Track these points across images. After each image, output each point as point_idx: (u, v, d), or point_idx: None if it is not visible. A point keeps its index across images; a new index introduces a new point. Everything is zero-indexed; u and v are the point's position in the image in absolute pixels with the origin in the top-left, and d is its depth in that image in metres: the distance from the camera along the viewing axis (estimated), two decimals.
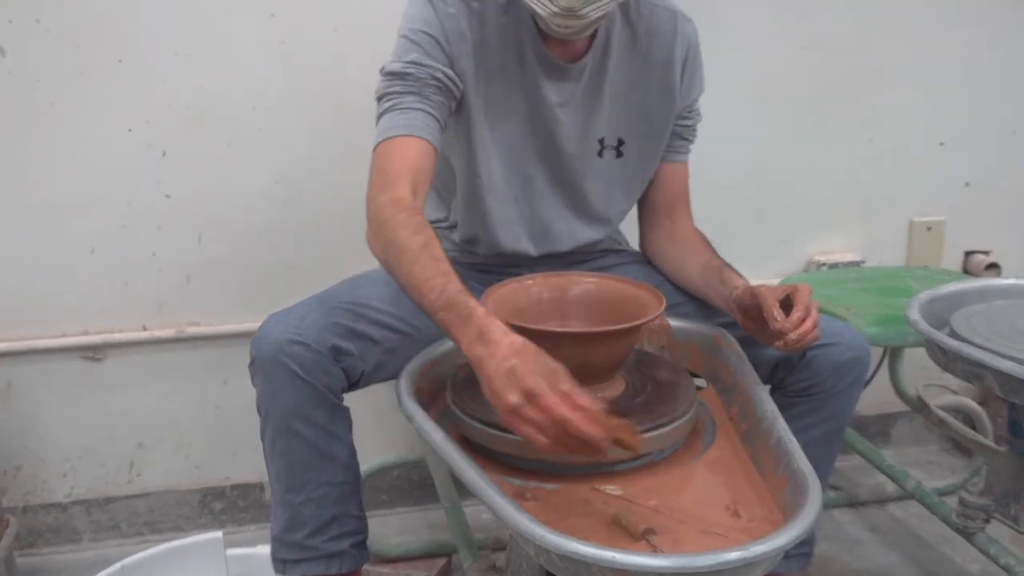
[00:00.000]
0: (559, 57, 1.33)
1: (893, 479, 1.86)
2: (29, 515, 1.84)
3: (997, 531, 1.57)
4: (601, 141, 1.39)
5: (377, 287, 1.30)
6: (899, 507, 1.97)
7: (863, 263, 2.05)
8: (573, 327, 1.20)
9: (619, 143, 1.40)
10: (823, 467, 1.33)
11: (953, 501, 1.59)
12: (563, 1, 1.18)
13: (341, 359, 1.19)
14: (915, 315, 1.37)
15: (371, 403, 1.56)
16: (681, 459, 1.12)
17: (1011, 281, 1.53)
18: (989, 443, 1.66)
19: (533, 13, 1.24)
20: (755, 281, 1.77)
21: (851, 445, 1.96)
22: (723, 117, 1.82)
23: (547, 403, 0.89)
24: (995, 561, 1.53)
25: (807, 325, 1.14)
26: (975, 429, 1.94)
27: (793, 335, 1.13)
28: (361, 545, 1.28)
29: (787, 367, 1.31)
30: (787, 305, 1.17)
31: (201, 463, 1.90)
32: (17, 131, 1.67)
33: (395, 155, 1.21)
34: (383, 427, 1.88)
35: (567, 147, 1.37)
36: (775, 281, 1.87)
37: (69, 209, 1.71)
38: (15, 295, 1.74)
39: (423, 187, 1.22)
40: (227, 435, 1.88)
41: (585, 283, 1.26)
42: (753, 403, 1.14)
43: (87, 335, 1.77)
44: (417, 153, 1.22)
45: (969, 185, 2.10)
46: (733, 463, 1.10)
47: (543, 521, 0.86)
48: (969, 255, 2.14)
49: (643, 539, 0.93)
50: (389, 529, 1.89)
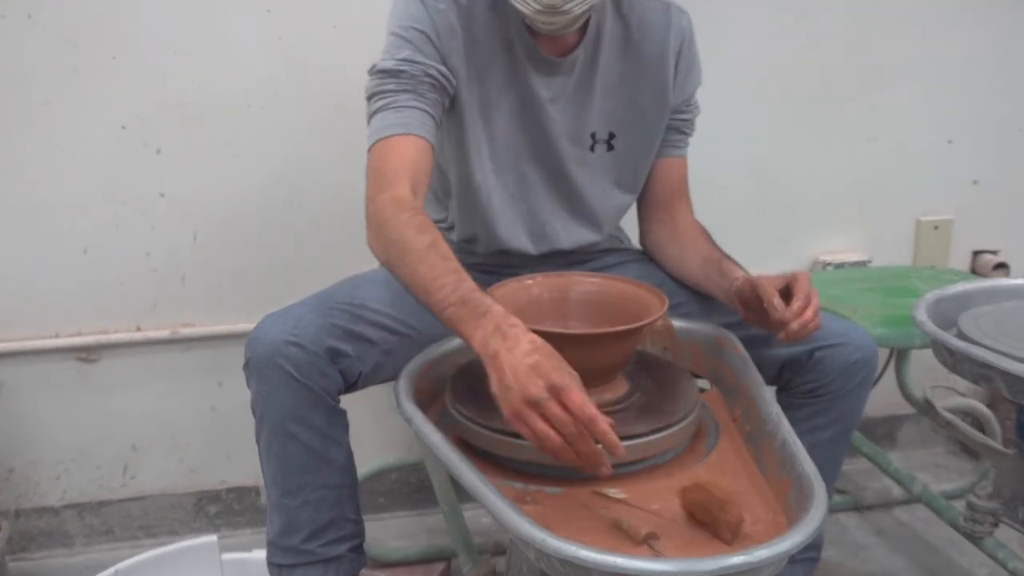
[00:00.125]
0: (549, 52, 1.32)
1: (900, 482, 1.86)
2: (21, 519, 1.84)
3: (1005, 535, 1.55)
4: (593, 136, 1.38)
5: (375, 288, 1.29)
6: (906, 511, 1.97)
7: (869, 263, 2.04)
8: (574, 328, 1.20)
9: (610, 136, 1.39)
10: (830, 470, 1.33)
11: (961, 505, 1.59)
12: None
13: (338, 361, 1.18)
14: (922, 316, 1.36)
15: (369, 405, 1.57)
16: (684, 462, 1.11)
17: (1020, 281, 1.52)
18: (997, 446, 1.66)
19: (516, 11, 1.24)
20: None
21: (857, 448, 1.97)
22: (725, 115, 1.83)
23: (575, 399, 0.90)
24: (1003, 566, 1.53)
25: (808, 314, 1.14)
26: (983, 432, 1.93)
27: (795, 325, 1.13)
28: (358, 549, 1.27)
29: (794, 368, 1.30)
30: (788, 294, 1.17)
31: (196, 466, 1.90)
32: (9, 129, 1.66)
33: (392, 154, 1.20)
34: (381, 429, 1.87)
35: (559, 143, 1.36)
36: None
37: (62, 208, 1.71)
38: (7, 295, 1.73)
39: (423, 186, 1.21)
40: (222, 437, 1.87)
41: (586, 283, 1.26)
42: (757, 405, 1.14)
43: (80, 336, 1.77)
44: (415, 152, 1.20)
45: (977, 183, 2.08)
46: (737, 466, 1.10)
47: (544, 525, 0.86)
48: (977, 255, 2.13)
49: (645, 543, 0.93)
50: (387, 533, 1.89)
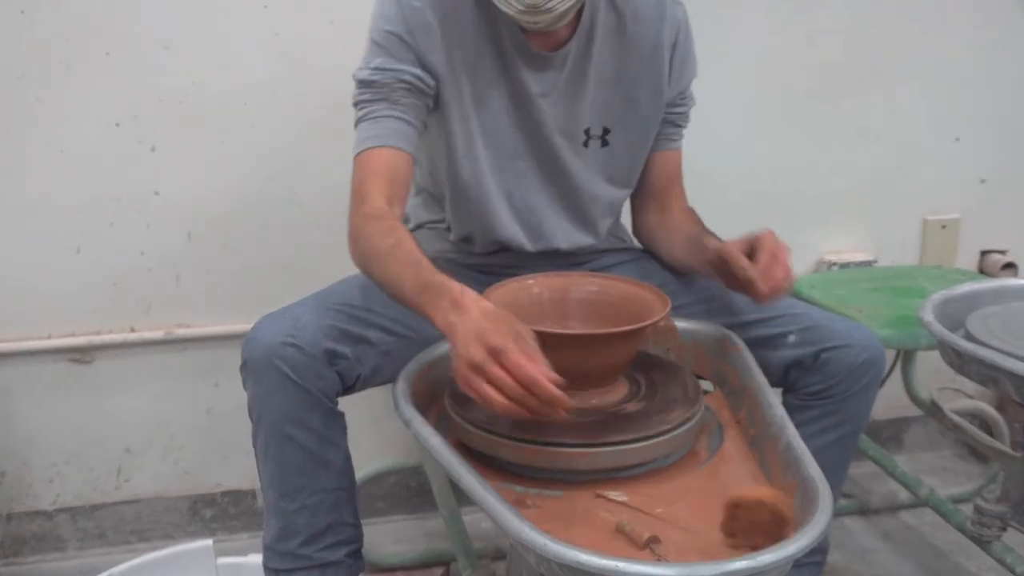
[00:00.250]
0: (539, 47, 1.31)
1: (906, 486, 1.85)
2: (13, 523, 1.83)
3: (1014, 539, 1.54)
4: (587, 131, 1.37)
5: (374, 289, 1.27)
6: (912, 515, 1.96)
7: (875, 263, 2.03)
8: (575, 328, 1.19)
9: (604, 132, 1.38)
10: (837, 473, 1.32)
11: (968, 509, 1.58)
12: None
13: (336, 362, 1.18)
14: (929, 316, 1.35)
15: (367, 407, 1.57)
16: (687, 465, 1.10)
17: None
18: (1006, 449, 1.65)
19: (500, 12, 1.23)
20: None
21: (863, 451, 1.95)
22: (725, 113, 1.84)
23: (513, 360, 0.92)
24: (1011, 571, 1.52)
25: (778, 273, 1.17)
26: (991, 434, 1.92)
27: (762, 284, 1.16)
28: (356, 554, 1.26)
29: (800, 370, 1.29)
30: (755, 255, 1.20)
31: (191, 469, 1.89)
32: (1, 127, 1.64)
33: (368, 169, 1.25)
34: (379, 432, 1.86)
35: (552, 138, 1.35)
36: None
37: (55, 207, 1.70)
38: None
39: (400, 195, 1.26)
40: (218, 440, 1.86)
41: (587, 283, 1.25)
42: (761, 407, 1.13)
43: (74, 336, 1.76)
44: (389, 164, 1.25)
45: (985, 182, 2.07)
46: (741, 469, 1.09)
47: (544, 529, 0.85)
48: (985, 254, 2.12)
49: (647, 548, 0.92)
50: (385, 538, 1.89)
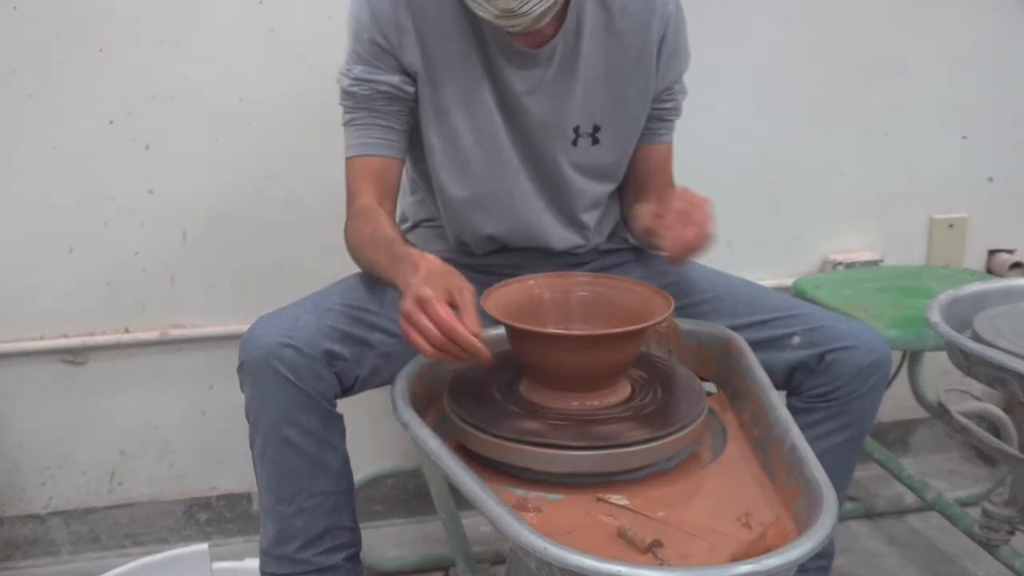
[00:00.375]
0: (522, 44, 1.29)
1: (913, 489, 1.85)
2: (5, 527, 1.82)
3: (1022, 543, 1.54)
4: (576, 129, 1.35)
5: (373, 289, 1.28)
6: (919, 518, 1.95)
7: (881, 262, 2.02)
8: (576, 329, 1.18)
9: (595, 130, 1.36)
10: (843, 476, 1.30)
11: (976, 512, 1.59)
12: (500, 3, 1.17)
13: (335, 364, 1.17)
14: (936, 317, 1.34)
15: (366, 409, 1.55)
16: (689, 468, 1.09)
17: None
18: (1014, 451, 1.64)
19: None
20: (769, 282, 1.77)
21: (869, 454, 1.95)
22: (733, 109, 1.83)
23: (435, 311, 1.00)
24: (1020, 575, 1.51)
25: (688, 232, 1.16)
26: (999, 437, 1.91)
27: (668, 240, 1.18)
28: (354, 558, 1.26)
29: (805, 371, 1.28)
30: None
31: (186, 472, 1.87)
32: None
33: (355, 172, 1.32)
34: (378, 434, 1.86)
35: (538, 136, 1.34)
36: (789, 281, 1.88)
37: (47, 206, 1.68)
38: None
39: (390, 192, 1.32)
40: (213, 442, 1.85)
41: (589, 284, 1.24)
42: (765, 409, 1.11)
43: (67, 337, 1.75)
44: (376, 168, 1.31)
45: (993, 180, 2.06)
46: (744, 472, 1.08)
47: (545, 533, 0.84)
48: (993, 254, 2.11)
49: (649, 552, 0.91)
50: (384, 542, 1.88)
